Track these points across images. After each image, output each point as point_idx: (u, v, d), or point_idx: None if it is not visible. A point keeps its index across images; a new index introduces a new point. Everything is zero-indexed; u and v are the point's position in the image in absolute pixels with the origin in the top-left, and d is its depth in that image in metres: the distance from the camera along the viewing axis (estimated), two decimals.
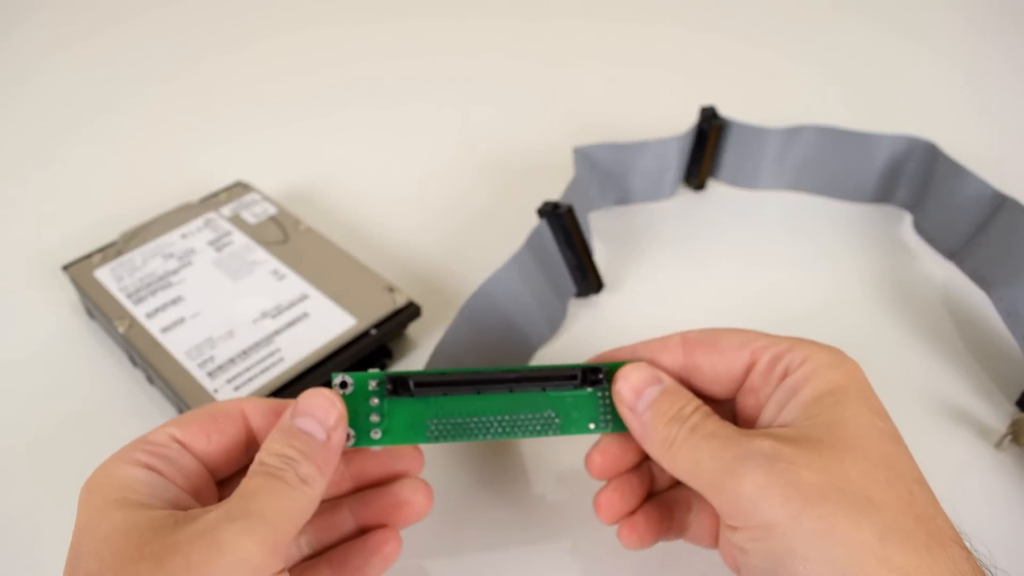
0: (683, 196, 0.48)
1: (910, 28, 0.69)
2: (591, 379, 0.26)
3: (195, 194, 0.44)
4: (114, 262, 0.39)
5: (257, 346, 0.34)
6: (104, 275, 0.38)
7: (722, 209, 0.47)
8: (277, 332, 0.35)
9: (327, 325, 0.35)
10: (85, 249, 0.40)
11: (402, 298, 0.37)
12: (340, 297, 0.37)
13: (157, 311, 0.36)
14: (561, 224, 0.37)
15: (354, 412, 0.24)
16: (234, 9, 0.72)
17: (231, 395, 0.32)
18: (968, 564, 0.20)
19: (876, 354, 0.37)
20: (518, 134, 0.54)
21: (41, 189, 0.50)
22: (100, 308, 0.36)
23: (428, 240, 0.45)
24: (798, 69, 0.63)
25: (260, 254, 0.39)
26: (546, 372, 0.26)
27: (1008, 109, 0.58)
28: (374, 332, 0.35)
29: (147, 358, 0.34)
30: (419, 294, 0.39)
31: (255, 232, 0.41)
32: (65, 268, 0.38)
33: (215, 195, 0.43)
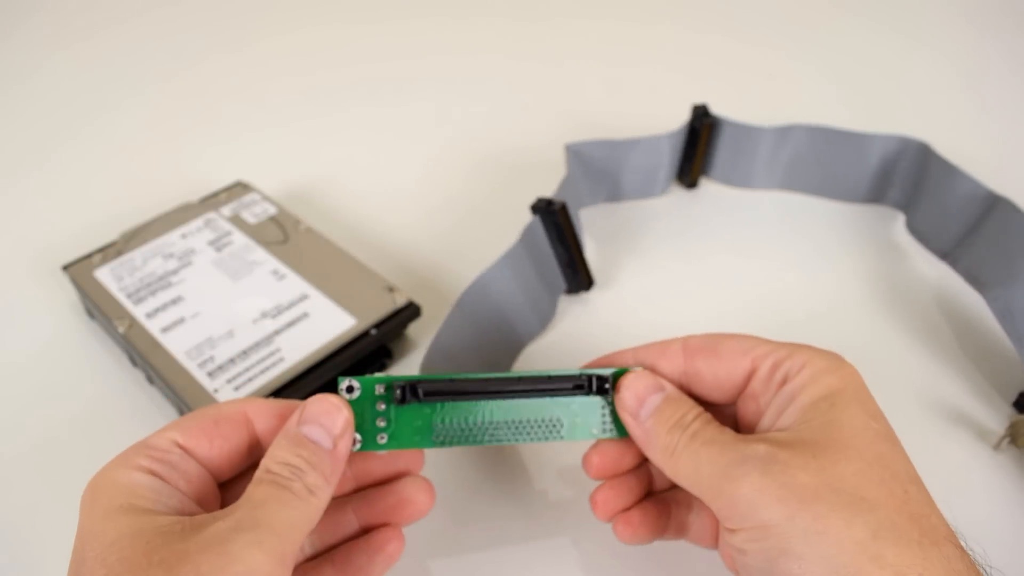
0: (675, 194, 0.48)
1: (909, 28, 0.69)
2: (599, 388, 0.26)
3: (195, 194, 0.44)
4: (114, 262, 0.39)
5: (257, 346, 0.34)
6: (104, 275, 0.38)
7: (714, 207, 0.47)
8: (277, 332, 0.35)
9: (327, 325, 0.35)
10: (85, 249, 0.41)
11: (402, 298, 0.37)
12: (340, 297, 0.37)
13: (157, 311, 0.36)
14: (554, 221, 0.37)
15: (360, 417, 0.24)
16: (234, 9, 0.72)
17: (231, 395, 0.32)
18: (962, 563, 0.20)
19: (871, 355, 0.37)
20: (518, 134, 0.54)
21: (41, 189, 0.50)
22: (100, 308, 0.36)
23: (428, 240, 0.45)
24: (797, 69, 0.63)
25: (260, 254, 0.39)
26: (555, 380, 0.26)
27: (1008, 109, 0.58)
28: (374, 332, 0.35)
29: (147, 358, 0.34)
30: (419, 294, 0.39)
31: (255, 232, 0.41)
32: (65, 268, 0.38)
33: (215, 195, 0.43)
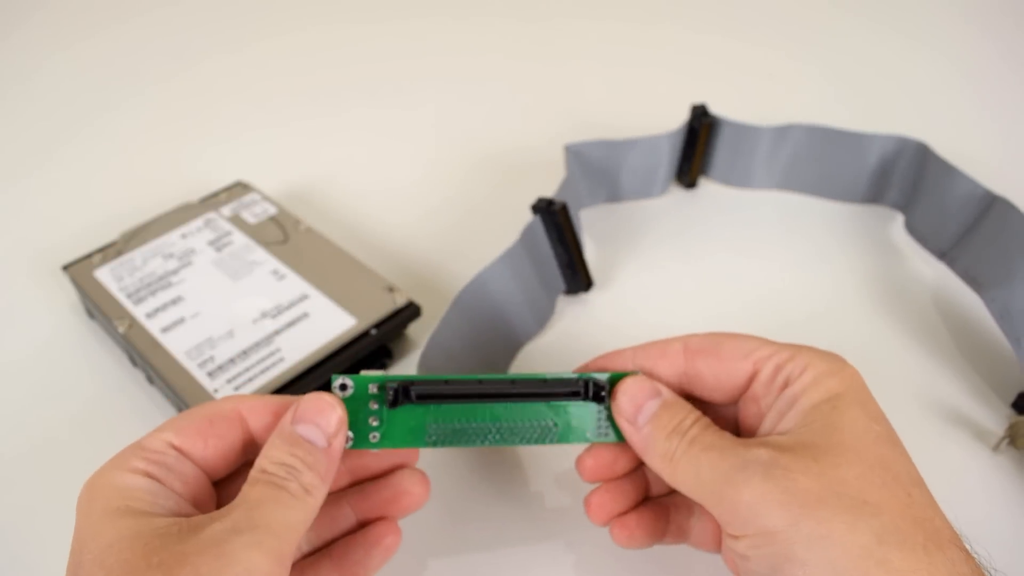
0: (674, 194, 0.48)
1: (909, 28, 0.69)
2: (595, 394, 0.25)
3: (195, 194, 0.44)
4: (114, 262, 0.39)
5: (257, 346, 0.34)
6: (104, 275, 0.38)
7: (713, 207, 0.47)
8: (277, 332, 0.35)
9: (327, 325, 0.35)
10: (85, 249, 0.41)
11: (402, 298, 0.37)
12: (340, 297, 0.37)
13: (157, 311, 0.36)
14: (554, 221, 0.37)
15: (353, 415, 0.24)
16: (234, 9, 0.72)
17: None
18: (967, 566, 0.20)
19: (870, 356, 0.37)
20: (518, 133, 0.54)
21: (41, 189, 0.50)
22: (100, 308, 0.36)
23: (428, 239, 0.45)
24: (797, 69, 0.63)
25: (260, 254, 0.39)
26: (550, 385, 0.25)
27: (1007, 109, 0.58)
28: (374, 332, 0.35)
29: (147, 358, 0.34)
30: (419, 294, 0.39)
31: (255, 232, 0.41)
32: (65, 268, 0.38)
33: (215, 195, 0.43)
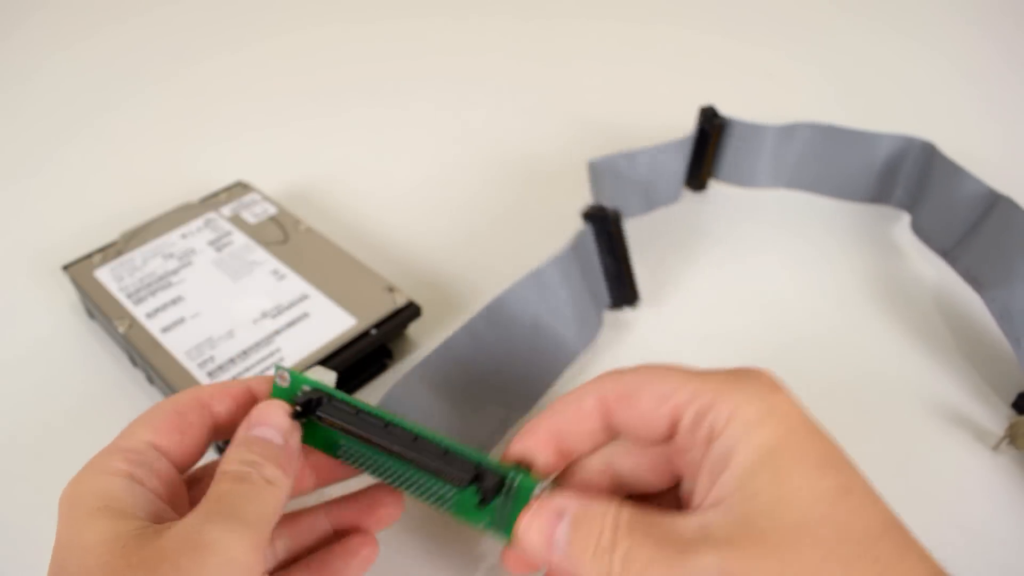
0: (687, 199, 0.48)
1: (910, 28, 0.69)
2: (483, 490, 0.23)
3: (195, 194, 0.44)
4: (114, 262, 0.39)
5: (257, 346, 0.34)
6: (104, 275, 0.38)
7: (724, 209, 0.47)
8: (277, 332, 0.35)
9: (327, 325, 0.35)
10: (85, 249, 0.40)
11: (402, 298, 0.37)
12: (340, 297, 0.37)
13: (157, 311, 0.36)
14: (607, 230, 0.36)
15: None
16: (234, 9, 0.72)
17: None
18: None
19: (872, 355, 0.38)
20: (518, 133, 0.54)
21: (42, 189, 0.50)
22: (100, 308, 0.36)
23: (428, 240, 0.45)
24: (797, 69, 0.63)
25: (260, 254, 0.39)
26: (450, 458, 0.23)
27: (1008, 109, 0.58)
28: (374, 332, 0.35)
29: (147, 358, 0.34)
30: (419, 294, 0.39)
31: (255, 232, 0.41)
32: (65, 268, 0.38)
33: (215, 195, 0.43)
